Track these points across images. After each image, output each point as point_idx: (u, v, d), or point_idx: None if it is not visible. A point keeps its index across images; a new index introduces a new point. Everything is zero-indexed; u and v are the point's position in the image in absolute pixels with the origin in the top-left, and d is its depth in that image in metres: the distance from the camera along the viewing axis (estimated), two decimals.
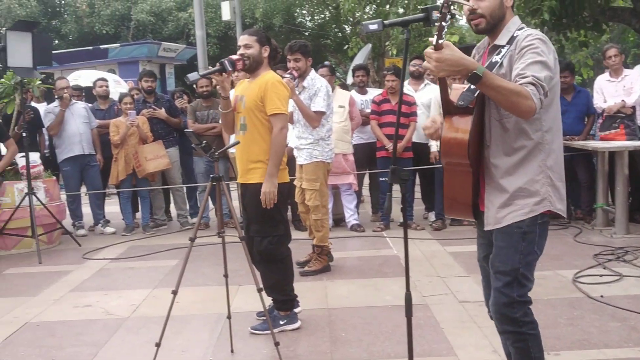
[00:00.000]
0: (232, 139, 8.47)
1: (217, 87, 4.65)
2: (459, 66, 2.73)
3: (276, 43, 4.97)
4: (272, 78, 4.74)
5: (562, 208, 3.07)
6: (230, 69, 4.55)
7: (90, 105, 9.72)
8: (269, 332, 4.39)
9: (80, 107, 9.18)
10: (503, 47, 3.03)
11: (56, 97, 9.05)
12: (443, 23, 2.72)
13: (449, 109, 3.07)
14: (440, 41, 2.71)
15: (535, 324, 3.12)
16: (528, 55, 2.87)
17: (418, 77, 8.74)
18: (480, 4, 3.07)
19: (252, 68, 4.79)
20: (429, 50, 2.77)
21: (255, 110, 4.72)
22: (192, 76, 4.58)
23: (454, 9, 2.75)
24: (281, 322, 4.89)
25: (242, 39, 4.80)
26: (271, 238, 4.78)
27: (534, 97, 2.74)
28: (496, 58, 3.02)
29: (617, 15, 12.94)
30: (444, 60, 2.73)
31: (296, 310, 5.03)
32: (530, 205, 3.00)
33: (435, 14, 2.82)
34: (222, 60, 4.57)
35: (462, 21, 18.05)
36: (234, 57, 4.66)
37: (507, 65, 2.98)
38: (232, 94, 4.89)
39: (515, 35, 3.02)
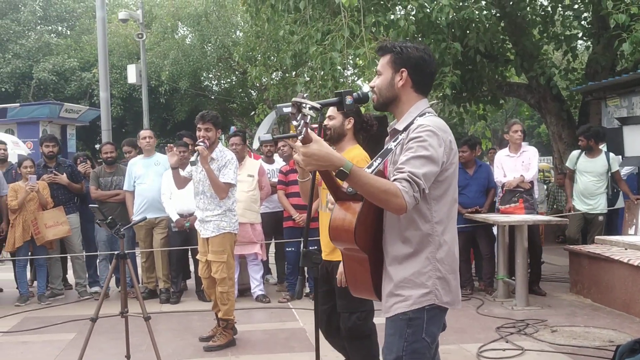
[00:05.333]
0: (136, 205, 8.37)
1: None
2: (326, 162, 2.70)
3: (371, 116, 4.68)
4: (357, 156, 4.44)
5: (451, 300, 2.99)
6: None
7: None
8: None
9: None
10: (401, 133, 2.99)
11: None
12: (295, 122, 2.69)
13: (338, 195, 3.03)
14: (300, 137, 2.68)
15: None
16: (413, 148, 2.82)
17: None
18: (376, 81, 3.09)
19: (334, 139, 4.58)
20: (297, 143, 2.73)
21: None
22: (264, 137, 4.41)
23: (308, 108, 2.71)
24: None
25: (329, 110, 4.56)
26: (359, 314, 4.55)
27: (404, 195, 2.69)
28: (392, 145, 2.99)
29: (513, 91, 13.65)
30: (310, 154, 2.70)
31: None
32: (414, 297, 2.92)
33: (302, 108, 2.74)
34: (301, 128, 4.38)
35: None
36: (314, 126, 4.48)
37: (399, 155, 2.92)
38: None
39: (413, 122, 2.96)
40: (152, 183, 8.50)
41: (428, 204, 2.90)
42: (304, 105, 2.70)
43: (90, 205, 6.00)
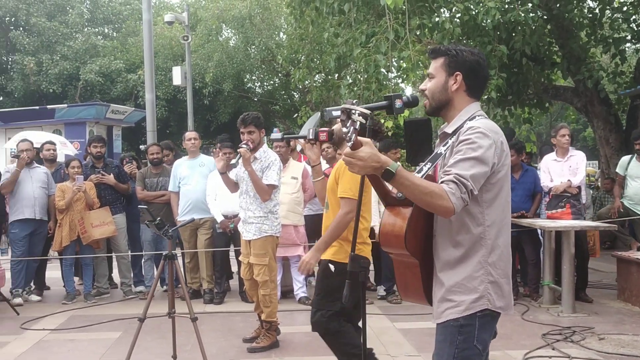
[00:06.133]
0: (181, 206, 8.47)
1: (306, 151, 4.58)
2: (377, 162, 2.67)
3: (379, 123, 4.72)
4: None
5: (505, 305, 2.93)
6: (312, 138, 4.39)
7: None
8: None
9: (40, 172, 8.96)
10: (450, 137, 2.95)
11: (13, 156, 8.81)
12: (344, 129, 2.67)
13: (388, 200, 3.02)
14: (350, 143, 2.65)
15: None
16: (462, 150, 2.79)
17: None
18: (428, 84, 3.04)
19: (336, 142, 4.69)
20: (348, 151, 2.68)
21: (332, 192, 4.62)
22: (275, 135, 4.51)
23: (357, 114, 2.69)
24: None
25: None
26: (324, 312, 4.65)
27: (451, 197, 2.66)
28: (441, 149, 2.95)
29: (559, 94, 13.45)
30: (366, 158, 2.66)
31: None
32: (467, 302, 2.87)
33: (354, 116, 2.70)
34: (309, 128, 4.41)
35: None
36: (323, 128, 4.44)
37: (448, 158, 2.88)
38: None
39: (463, 125, 2.92)
40: (197, 184, 8.57)
41: (480, 206, 2.86)
42: (353, 111, 2.69)
43: (139, 206, 6.05)
